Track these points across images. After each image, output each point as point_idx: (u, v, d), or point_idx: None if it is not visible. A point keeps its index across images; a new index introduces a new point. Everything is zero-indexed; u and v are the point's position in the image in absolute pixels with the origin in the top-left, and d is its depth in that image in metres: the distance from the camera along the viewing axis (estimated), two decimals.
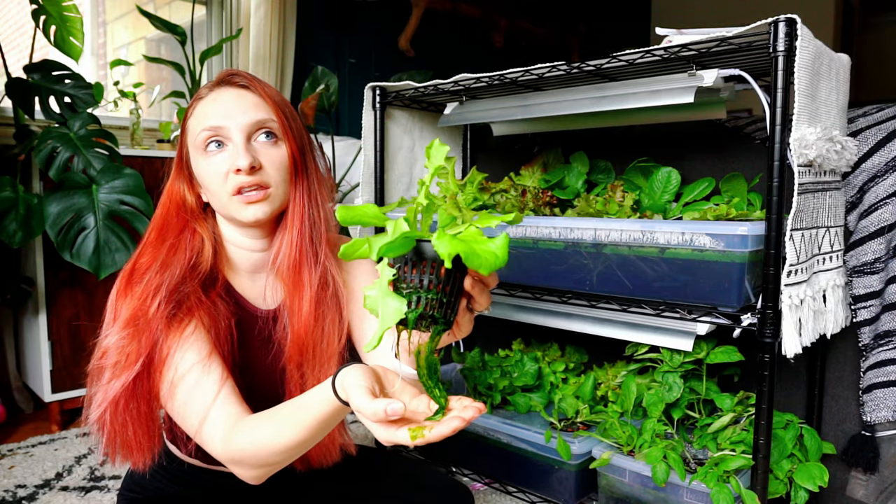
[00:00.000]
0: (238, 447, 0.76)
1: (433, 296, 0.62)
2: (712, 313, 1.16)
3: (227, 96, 0.89)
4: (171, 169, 0.94)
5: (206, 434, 0.79)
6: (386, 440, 0.63)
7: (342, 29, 3.26)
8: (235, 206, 0.87)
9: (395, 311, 0.60)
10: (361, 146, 1.73)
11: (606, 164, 1.62)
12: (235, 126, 0.86)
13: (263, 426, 0.76)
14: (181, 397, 0.81)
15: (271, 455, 0.75)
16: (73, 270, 1.90)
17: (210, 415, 0.79)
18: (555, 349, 1.75)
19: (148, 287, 0.84)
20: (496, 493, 1.53)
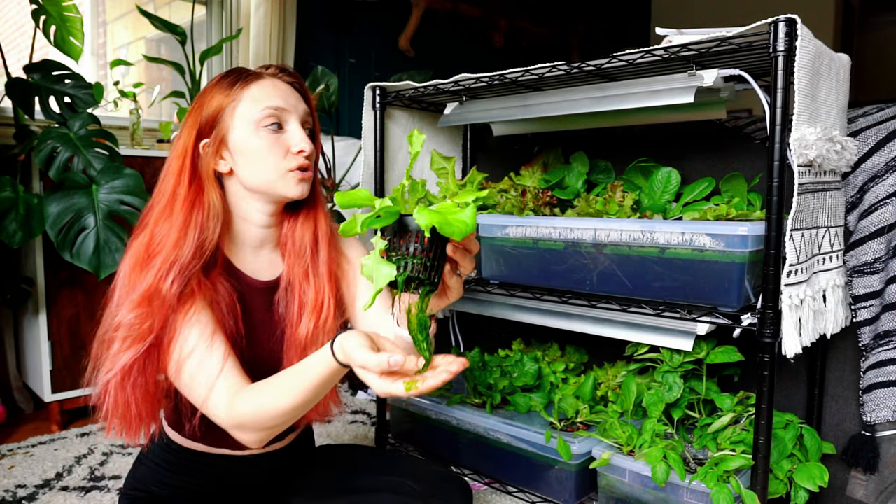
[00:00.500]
0: (241, 412, 0.83)
1: (419, 261, 0.72)
2: (712, 313, 1.16)
3: (283, 86, 0.97)
4: (183, 141, 0.95)
5: (211, 404, 0.86)
6: (384, 392, 0.71)
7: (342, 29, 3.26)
8: (288, 180, 0.95)
9: (386, 275, 0.70)
10: (361, 146, 1.73)
11: (606, 164, 1.62)
12: (297, 113, 0.96)
13: (265, 392, 0.83)
14: (188, 371, 0.87)
15: (272, 418, 0.83)
16: (73, 270, 1.90)
17: (215, 387, 0.86)
18: (555, 349, 1.75)
19: (164, 264, 0.88)
20: (496, 493, 1.53)
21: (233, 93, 0.94)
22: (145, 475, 1.06)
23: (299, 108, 0.97)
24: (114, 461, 1.70)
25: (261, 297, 1.01)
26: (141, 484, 1.06)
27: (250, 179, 0.95)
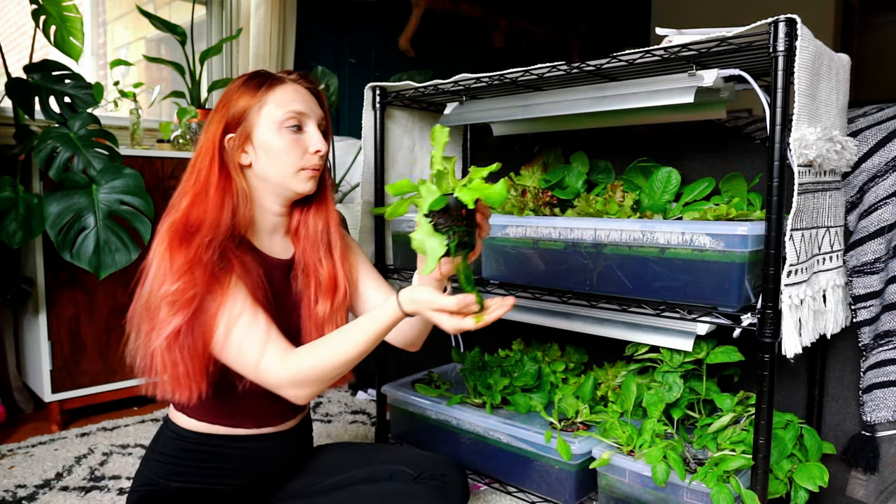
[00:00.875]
0: (301, 367, 0.96)
1: (463, 228, 0.91)
2: (712, 313, 1.16)
3: (303, 91, 1.08)
4: (212, 133, 1.04)
5: (265, 363, 0.96)
6: (456, 327, 0.91)
7: (342, 29, 3.26)
8: (300, 177, 1.06)
9: (440, 245, 0.89)
10: (361, 146, 1.73)
11: (606, 164, 1.62)
12: (314, 117, 1.07)
13: (325, 346, 0.98)
14: (237, 337, 0.96)
15: (331, 369, 0.97)
16: (73, 270, 1.90)
17: (267, 347, 0.97)
18: (555, 349, 1.75)
19: (204, 238, 0.97)
20: (496, 493, 1.53)
21: (259, 94, 1.04)
22: (155, 470, 1.08)
23: (316, 112, 1.07)
24: (114, 461, 1.70)
25: (279, 273, 1.11)
26: (151, 480, 1.07)
27: (268, 173, 1.05)
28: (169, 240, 0.96)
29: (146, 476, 1.08)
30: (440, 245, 0.89)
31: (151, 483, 1.07)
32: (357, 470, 1.17)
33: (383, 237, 1.75)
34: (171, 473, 1.07)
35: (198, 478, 1.07)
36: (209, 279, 0.95)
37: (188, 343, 0.94)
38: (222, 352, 0.97)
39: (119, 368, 2.06)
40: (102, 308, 2.00)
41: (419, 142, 1.85)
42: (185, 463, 1.07)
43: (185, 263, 0.94)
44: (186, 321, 0.93)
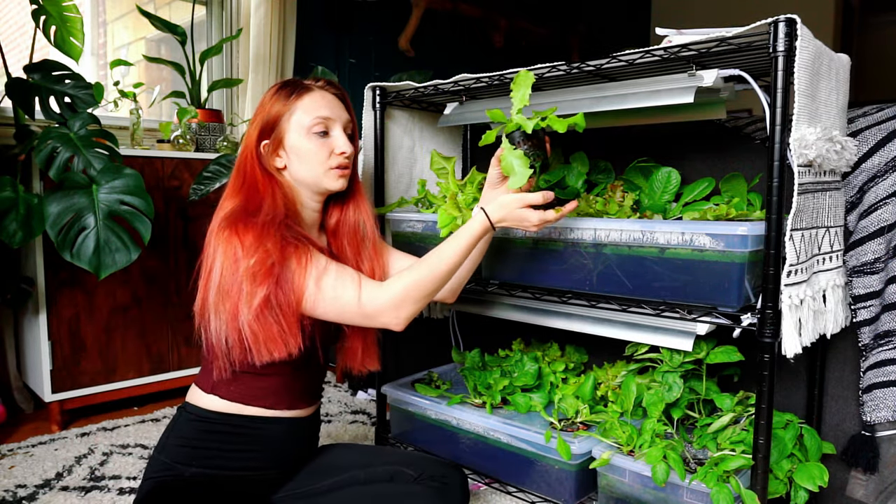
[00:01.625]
0: (405, 285, 1.08)
1: (543, 154, 1.13)
2: (712, 313, 1.16)
3: (330, 97, 1.17)
4: (250, 140, 1.15)
5: (365, 294, 1.07)
6: (541, 219, 1.12)
7: (342, 29, 3.26)
8: (330, 176, 1.16)
9: (525, 165, 1.09)
10: (361, 146, 1.73)
11: (606, 164, 1.62)
12: (340, 121, 1.16)
13: (425, 264, 1.11)
14: (329, 284, 1.06)
15: (428, 284, 1.10)
16: (73, 270, 1.90)
17: (362, 282, 1.09)
18: (555, 349, 1.75)
19: (265, 217, 1.06)
20: (496, 493, 1.53)
21: (289, 103, 1.14)
22: (173, 455, 1.10)
23: (342, 117, 1.17)
24: (114, 461, 1.70)
25: None
26: (168, 465, 1.09)
27: (300, 174, 1.15)
28: (231, 226, 1.04)
29: (162, 462, 1.10)
30: (525, 164, 1.08)
31: (168, 468, 1.09)
32: (357, 471, 1.18)
33: (384, 237, 1.75)
34: (190, 457, 1.09)
35: (216, 461, 1.10)
36: (282, 247, 1.03)
37: (280, 304, 1.02)
38: (317, 304, 1.06)
39: (119, 368, 2.06)
40: (102, 308, 2.00)
41: (419, 142, 1.85)
42: (205, 445, 1.10)
43: (256, 239, 1.02)
44: (273, 288, 1.02)
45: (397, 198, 1.79)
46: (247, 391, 1.12)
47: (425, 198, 1.70)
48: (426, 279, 1.10)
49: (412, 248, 1.64)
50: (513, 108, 1.11)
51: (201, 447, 1.10)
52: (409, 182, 1.84)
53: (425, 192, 1.71)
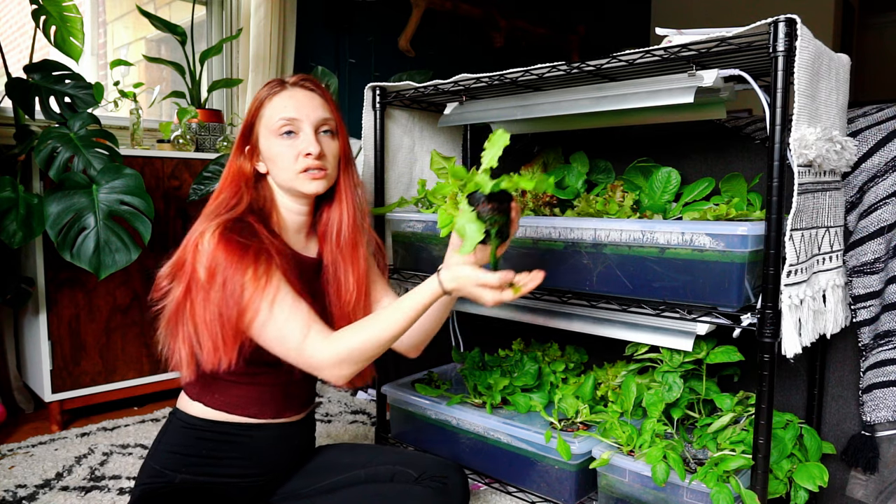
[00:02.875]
0: (348, 345, 1.01)
1: (503, 219, 1.00)
2: (712, 313, 1.16)
3: (300, 95, 1.11)
4: (235, 145, 1.14)
5: (310, 344, 1.01)
6: (496, 300, 0.99)
7: (342, 29, 3.26)
8: (301, 180, 1.10)
9: (479, 230, 0.96)
10: (361, 146, 1.73)
11: (606, 164, 1.62)
12: (308, 119, 1.10)
13: (372, 324, 1.03)
14: (280, 319, 1.01)
15: (374, 347, 1.02)
16: (73, 270, 1.90)
17: (310, 329, 1.02)
18: (555, 349, 1.75)
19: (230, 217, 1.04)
20: (496, 493, 1.53)
21: (260, 107, 1.12)
22: (163, 462, 1.09)
23: (314, 116, 1.10)
24: (114, 461, 1.70)
25: (309, 270, 1.17)
26: (158, 472, 1.08)
27: (277, 178, 1.12)
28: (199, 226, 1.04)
29: (152, 468, 1.09)
30: (479, 231, 0.96)
31: (158, 475, 1.08)
32: (358, 470, 1.18)
33: (383, 237, 1.75)
34: (179, 464, 1.08)
35: (205, 468, 1.08)
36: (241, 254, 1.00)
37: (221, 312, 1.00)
38: (264, 331, 1.02)
39: (119, 368, 2.06)
40: (102, 308, 2.00)
41: (419, 142, 1.85)
42: (194, 452, 1.09)
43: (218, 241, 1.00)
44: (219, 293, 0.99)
45: (397, 198, 1.79)
46: (229, 399, 1.10)
47: (425, 198, 1.70)
48: (371, 343, 1.03)
49: (412, 248, 1.64)
50: (482, 165, 1.01)
51: (191, 454, 1.09)
52: (410, 182, 1.84)
53: (425, 192, 1.71)
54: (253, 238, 1.03)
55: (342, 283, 1.17)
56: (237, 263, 0.99)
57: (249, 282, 0.99)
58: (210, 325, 1.00)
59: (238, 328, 1.01)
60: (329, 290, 1.18)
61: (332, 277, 1.18)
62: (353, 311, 1.18)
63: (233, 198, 1.10)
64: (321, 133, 1.11)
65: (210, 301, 0.99)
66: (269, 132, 1.10)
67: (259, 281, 1.00)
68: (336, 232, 1.18)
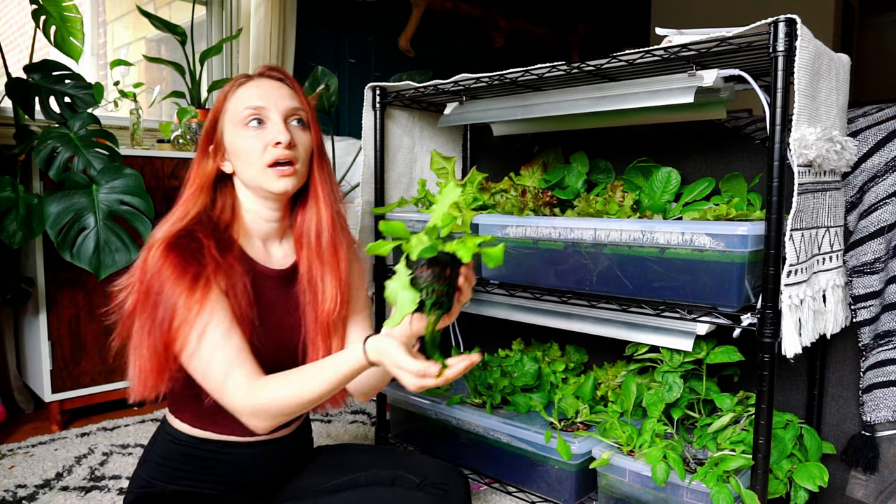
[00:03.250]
0: (263, 400, 0.92)
1: (443, 288, 0.85)
2: (712, 313, 1.16)
3: (266, 84, 1.04)
4: (199, 146, 1.06)
5: (230, 387, 0.92)
6: (417, 387, 0.88)
7: (342, 29, 3.26)
8: (268, 176, 1.00)
9: (412, 301, 0.82)
10: (361, 146, 1.73)
11: (606, 164, 1.62)
12: (276, 108, 1.02)
13: (289, 382, 0.93)
14: (205, 354, 0.93)
15: (291, 407, 0.93)
16: (73, 270, 1.90)
17: (233, 371, 0.93)
18: (555, 349, 1.75)
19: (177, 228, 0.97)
20: (496, 493, 1.53)
21: (224, 100, 1.04)
22: (152, 473, 1.07)
23: (282, 104, 1.02)
24: (114, 461, 1.70)
25: (274, 284, 1.06)
26: (147, 483, 1.06)
27: (243, 176, 1.03)
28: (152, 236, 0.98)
29: (142, 478, 1.07)
30: (412, 301, 0.82)
31: (147, 485, 1.06)
32: (359, 473, 1.15)
33: (383, 237, 1.75)
34: (167, 476, 1.05)
35: (192, 482, 1.06)
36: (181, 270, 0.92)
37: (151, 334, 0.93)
38: (189, 363, 0.94)
39: (119, 368, 2.06)
40: (102, 308, 2.00)
41: (419, 141, 1.85)
42: (180, 466, 1.06)
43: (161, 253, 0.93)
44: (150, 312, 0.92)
45: (397, 198, 1.79)
46: (202, 416, 1.04)
47: (425, 198, 1.70)
48: (292, 402, 0.93)
49: None
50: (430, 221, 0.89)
51: (178, 468, 1.05)
52: (410, 182, 1.84)
53: (425, 192, 1.71)
54: (195, 258, 0.94)
55: (319, 292, 1.06)
56: (172, 287, 0.92)
57: (182, 308, 0.91)
58: (138, 349, 0.94)
59: (167, 356, 0.94)
60: (305, 301, 1.07)
61: (309, 286, 1.06)
62: (333, 323, 1.07)
63: (189, 205, 1.02)
64: (290, 124, 1.03)
65: (144, 322, 0.93)
66: (234, 125, 1.02)
67: (191, 309, 0.91)
68: (315, 234, 1.07)
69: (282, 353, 1.05)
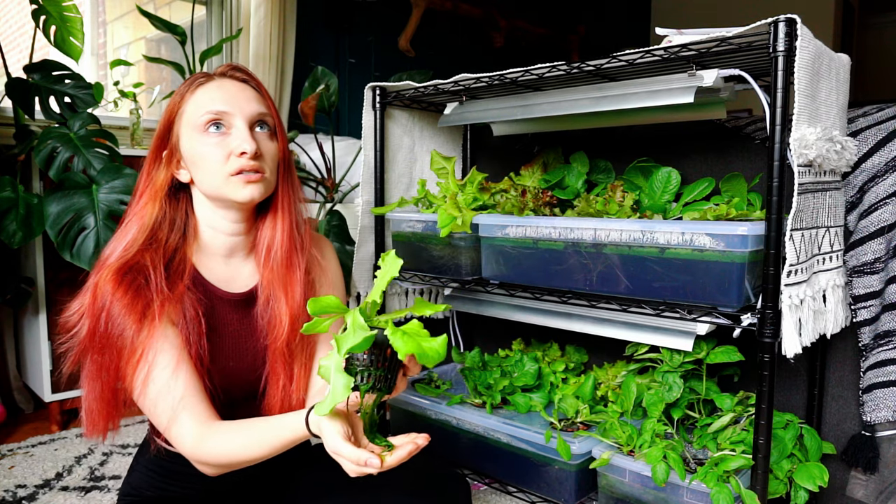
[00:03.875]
0: (207, 452, 0.87)
1: (381, 372, 0.78)
2: (712, 313, 1.16)
3: (229, 86, 0.94)
4: (149, 152, 0.98)
5: (175, 433, 0.88)
6: (357, 473, 0.79)
7: (342, 29, 3.26)
8: (233, 185, 0.92)
9: (345, 387, 0.74)
10: (361, 146, 1.73)
11: (606, 164, 1.62)
12: (240, 113, 0.92)
13: (234, 439, 0.87)
14: (151, 395, 0.88)
15: (236, 463, 0.88)
16: (73, 270, 1.89)
17: (179, 416, 0.87)
18: (555, 349, 1.75)
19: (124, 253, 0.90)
20: (496, 493, 1.53)
21: (181, 101, 0.95)
22: (139, 481, 1.05)
23: (248, 109, 0.93)
24: (114, 461, 1.70)
25: (233, 309, 0.99)
26: (135, 490, 1.05)
27: (203, 186, 0.95)
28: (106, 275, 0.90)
29: (130, 486, 1.06)
30: (345, 387, 0.74)
31: (133, 494, 1.05)
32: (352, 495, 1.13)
33: (383, 237, 1.75)
34: (155, 487, 1.04)
35: (175, 495, 1.04)
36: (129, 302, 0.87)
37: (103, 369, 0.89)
38: (138, 402, 0.90)
39: None
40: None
41: (419, 141, 1.85)
42: (163, 477, 1.03)
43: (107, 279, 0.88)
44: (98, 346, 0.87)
45: (397, 198, 1.79)
46: None
47: (425, 198, 1.70)
48: (236, 457, 0.87)
49: (412, 247, 1.64)
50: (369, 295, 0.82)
51: (163, 476, 1.03)
52: (410, 182, 1.84)
53: (425, 192, 1.71)
54: (142, 293, 0.88)
55: (274, 314, 0.97)
56: (120, 325, 0.86)
57: (128, 349, 0.86)
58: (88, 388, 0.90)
59: (115, 401, 0.90)
60: (264, 325, 0.99)
61: (264, 307, 0.98)
62: (290, 351, 0.98)
63: (138, 223, 0.93)
64: (256, 131, 0.94)
65: (93, 363, 0.88)
66: (192, 130, 0.92)
67: (136, 350, 0.86)
68: (266, 250, 0.98)
69: (239, 383, 0.98)
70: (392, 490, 1.05)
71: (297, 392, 0.99)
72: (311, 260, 1.03)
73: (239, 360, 0.99)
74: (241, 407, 0.99)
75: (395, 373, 0.80)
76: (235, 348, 0.99)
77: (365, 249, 1.74)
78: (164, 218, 0.95)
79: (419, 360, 0.73)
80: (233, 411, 0.97)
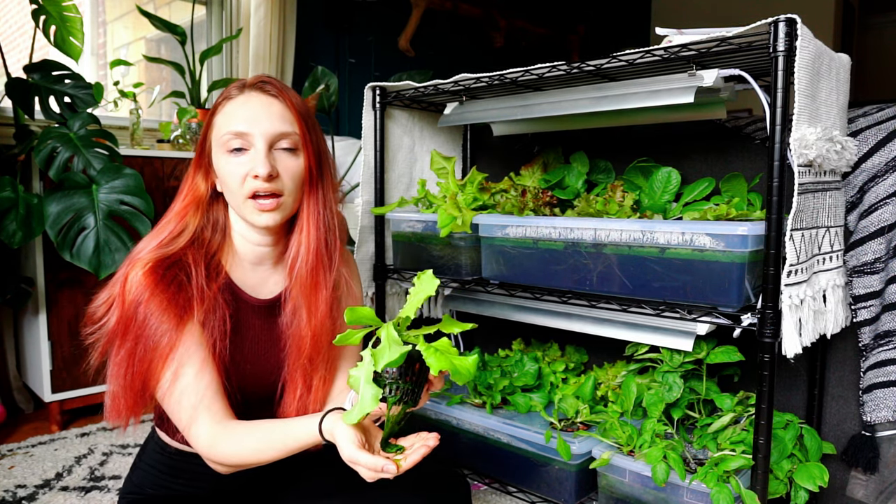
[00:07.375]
0: (221, 452, 0.89)
1: (408, 386, 0.80)
2: (712, 313, 1.16)
3: (255, 102, 0.94)
4: (194, 158, 1.00)
5: (193, 430, 0.90)
6: (372, 478, 0.80)
7: (342, 29, 3.26)
8: (249, 209, 0.93)
9: (374, 398, 0.76)
10: (361, 146, 1.73)
11: (606, 164, 1.62)
12: (259, 134, 0.92)
13: (247, 441, 0.89)
14: (176, 393, 0.90)
15: (248, 463, 0.90)
16: (73, 270, 1.90)
17: (199, 415, 0.90)
18: (555, 349, 1.75)
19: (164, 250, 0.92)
20: (496, 493, 1.53)
21: (214, 112, 0.96)
22: (142, 478, 1.06)
23: (269, 129, 0.92)
24: (114, 461, 1.70)
25: (257, 315, 1.00)
26: (138, 487, 1.06)
27: (229, 201, 0.97)
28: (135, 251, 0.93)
29: (133, 484, 1.06)
30: (374, 398, 0.76)
31: (136, 492, 1.05)
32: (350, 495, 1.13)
33: (383, 237, 1.75)
34: (154, 485, 1.04)
35: (179, 492, 1.04)
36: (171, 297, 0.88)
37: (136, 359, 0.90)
38: (162, 398, 0.92)
39: None
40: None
41: (419, 141, 1.85)
42: (167, 475, 1.04)
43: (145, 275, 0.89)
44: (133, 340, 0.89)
45: (397, 198, 1.79)
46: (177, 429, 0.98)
47: (425, 198, 1.70)
48: (249, 458, 0.89)
49: (412, 247, 1.64)
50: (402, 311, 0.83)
51: (166, 475, 1.04)
52: (410, 182, 1.84)
53: (425, 192, 1.71)
54: (183, 290, 0.90)
55: (298, 328, 0.99)
56: (157, 321, 0.88)
57: (164, 346, 0.88)
58: (115, 378, 0.90)
59: (143, 392, 0.90)
60: (289, 335, 1.00)
61: (289, 319, 0.99)
62: (309, 362, 0.99)
63: (180, 222, 0.95)
64: (278, 148, 0.93)
65: (122, 355, 0.89)
66: (218, 146, 0.94)
67: (172, 347, 0.88)
68: (291, 264, 0.99)
69: (255, 386, 1.00)
70: (393, 490, 1.06)
71: (313, 404, 1.01)
72: (339, 277, 1.03)
73: (257, 363, 1.00)
74: (256, 408, 1.00)
75: (421, 387, 0.83)
76: (254, 353, 1.00)
77: (365, 249, 1.74)
78: (208, 221, 0.98)
79: (452, 377, 0.76)
80: (249, 411, 0.98)
